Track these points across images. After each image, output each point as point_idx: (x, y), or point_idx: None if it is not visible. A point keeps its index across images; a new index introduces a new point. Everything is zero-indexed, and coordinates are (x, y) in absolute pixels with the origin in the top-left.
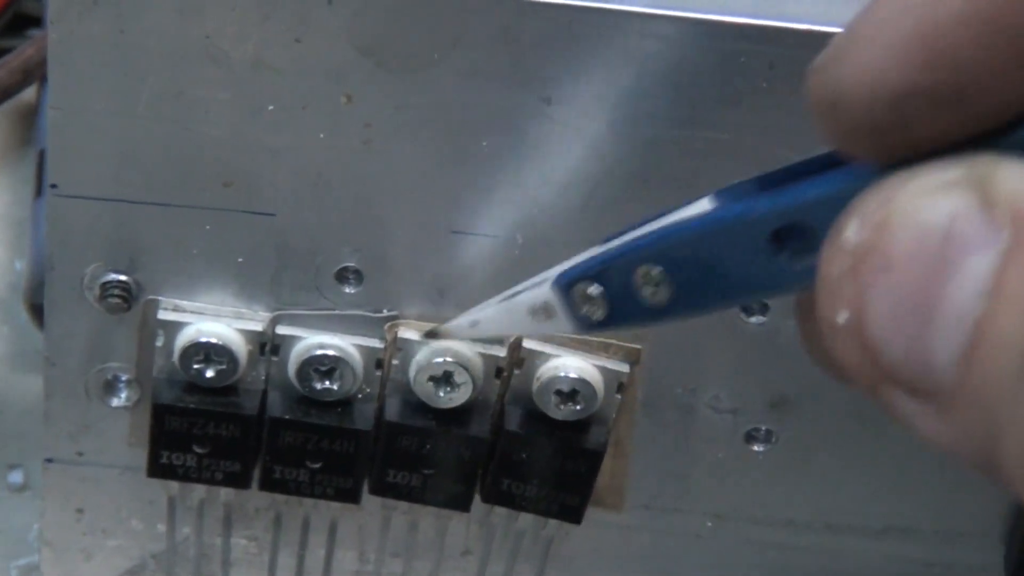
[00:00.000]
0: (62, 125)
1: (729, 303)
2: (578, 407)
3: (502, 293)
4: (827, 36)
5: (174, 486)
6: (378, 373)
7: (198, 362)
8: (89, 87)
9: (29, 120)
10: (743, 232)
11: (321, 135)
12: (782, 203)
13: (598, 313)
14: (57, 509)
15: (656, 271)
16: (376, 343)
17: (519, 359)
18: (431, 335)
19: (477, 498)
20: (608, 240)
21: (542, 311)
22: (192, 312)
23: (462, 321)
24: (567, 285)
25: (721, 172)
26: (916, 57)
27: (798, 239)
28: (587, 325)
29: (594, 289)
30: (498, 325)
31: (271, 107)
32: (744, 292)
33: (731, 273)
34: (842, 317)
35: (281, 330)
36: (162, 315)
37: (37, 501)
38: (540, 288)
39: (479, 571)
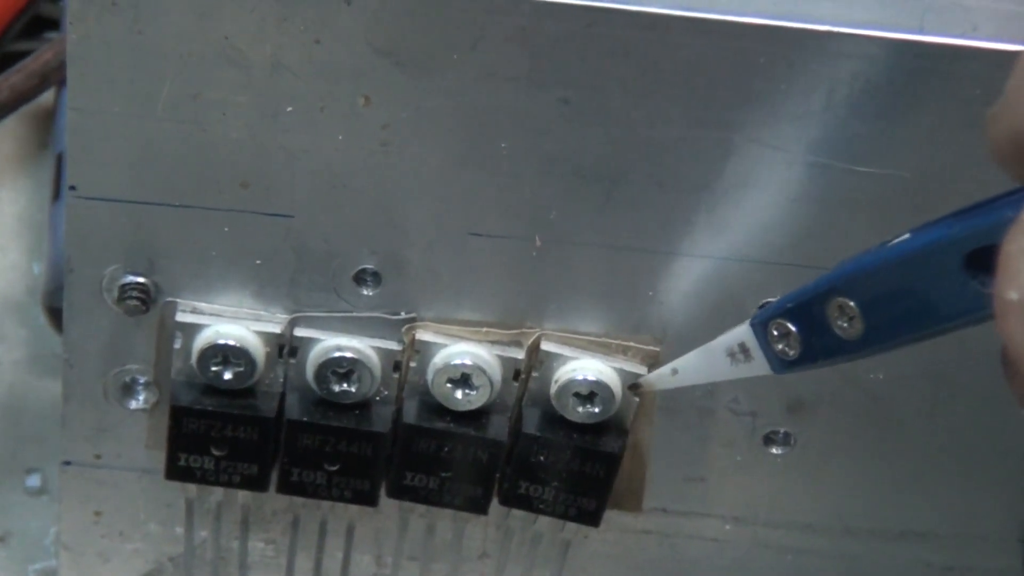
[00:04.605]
0: (81, 127)
1: (922, 333)
2: (596, 409)
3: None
4: (846, 37)
5: (192, 489)
6: (396, 375)
7: (216, 364)
8: (107, 89)
9: (46, 124)
10: (937, 256)
11: (339, 137)
12: (975, 224)
13: (793, 350)
14: (75, 512)
15: (849, 304)
16: (394, 345)
17: (537, 361)
18: (634, 388)
19: (495, 501)
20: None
21: (739, 351)
22: (210, 314)
23: (663, 370)
24: (763, 323)
25: (737, 174)
26: None
27: (991, 263)
28: (783, 364)
29: (789, 326)
30: (698, 370)
31: (289, 109)
32: (937, 320)
33: (924, 301)
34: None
35: (299, 332)
36: (180, 317)
37: (55, 505)
38: (738, 328)
39: (496, 574)
